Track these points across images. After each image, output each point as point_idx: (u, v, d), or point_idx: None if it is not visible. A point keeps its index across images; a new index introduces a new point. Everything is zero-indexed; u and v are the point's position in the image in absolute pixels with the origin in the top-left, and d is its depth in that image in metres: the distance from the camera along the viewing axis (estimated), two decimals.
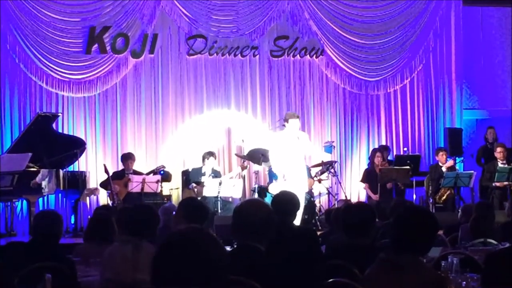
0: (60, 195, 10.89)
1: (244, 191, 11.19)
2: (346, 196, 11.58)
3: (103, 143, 11.67)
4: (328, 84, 12.61)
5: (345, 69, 12.57)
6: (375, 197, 11.16)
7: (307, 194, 10.04)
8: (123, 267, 4.27)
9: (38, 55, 11.31)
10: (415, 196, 11.31)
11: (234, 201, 10.53)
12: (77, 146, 10.47)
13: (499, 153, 11.23)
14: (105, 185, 10.64)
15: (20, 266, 4.28)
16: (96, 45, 11.58)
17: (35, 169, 9.71)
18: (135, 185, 10.27)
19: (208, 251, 2.18)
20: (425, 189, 11.56)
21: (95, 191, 10.98)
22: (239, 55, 12.18)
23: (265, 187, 10.93)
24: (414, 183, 11.26)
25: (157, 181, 10.40)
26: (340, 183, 11.80)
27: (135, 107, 11.83)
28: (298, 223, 7.67)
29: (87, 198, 10.94)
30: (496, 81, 13.45)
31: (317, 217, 10.66)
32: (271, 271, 3.39)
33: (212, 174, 10.68)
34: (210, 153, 10.87)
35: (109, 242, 4.95)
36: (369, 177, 11.45)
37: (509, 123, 12.88)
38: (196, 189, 10.63)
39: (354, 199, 11.87)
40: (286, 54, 12.37)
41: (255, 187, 11.13)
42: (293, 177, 9.13)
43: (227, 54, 12.13)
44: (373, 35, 12.68)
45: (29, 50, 11.27)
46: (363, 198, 12.01)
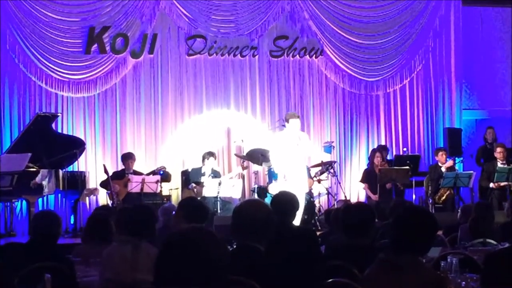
0: (59, 195, 10.88)
1: (243, 192, 11.19)
2: (345, 196, 11.58)
3: (103, 143, 11.67)
4: (327, 84, 12.61)
5: (345, 69, 12.57)
6: (375, 197, 11.15)
7: (306, 194, 10.04)
8: (123, 267, 4.27)
9: (37, 55, 11.31)
10: (414, 196, 11.32)
11: (233, 201, 10.53)
12: (76, 146, 10.47)
13: (499, 153, 11.23)
14: (105, 184, 10.64)
15: (19, 266, 4.29)
16: (95, 45, 11.58)
17: (35, 169, 9.71)
18: (134, 185, 10.27)
19: (208, 251, 2.18)
20: (425, 189, 11.56)
21: (94, 191, 10.98)
22: (239, 55, 12.18)
23: (265, 188, 10.93)
24: (413, 183, 11.27)
25: (157, 181, 10.40)
26: (339, 183, 11.80)
27: (134, 107, 11.83)
28: (297, 224, 7.68)
29: (87, 198, 10.93)
30: (495, 81, 13.45)
31: (317, 217, 10.66)
32: (270, 271, 3.39)
33: (211, 174, 10.68)
34: (210, 153, 10.87)
35: (107, 242, 4.95)
36: (368, 177, 11.45)
37: (509, 123, 12.89)
38: (195, 189, 10.62)
39: (353, 199, 11.87)
40: (285, 54, 12.37)
41: (254, 187, 11.13)
42: (294, 177, 9.14)
43: (227, 54, 12.13)
44: (372, 35, 12.69)
45: (29, 50, 11.27)
46: (362, 198, 12.02)
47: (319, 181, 11.23)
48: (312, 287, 3.69)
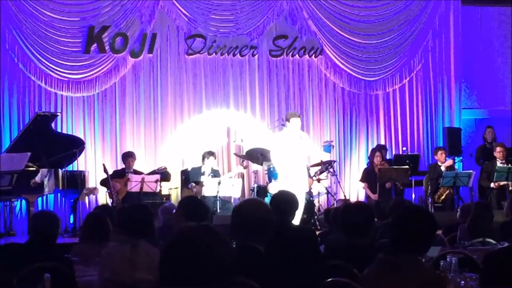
0: (59, 194, 10.88)
1: (243, 191, 11.19)
2: (345, 195, 11.58)
3: (102, 142, 11.66)
4: (327, 83, 12.61)
5: (344, 68, 12.57)
6: (374, 197, 11.15)
7: (306, 193, 10.04)
8: (122, 266, 4.27)
9: (37, 55, 11.30)
10: (414, 195, 11.32)
11: (233, 201, 10.53)
12: (76, 145, 10.46)
13: (498, 153, 11.23)
14: (105, 183, 10.65)
15: (18, 266, 4.28)
16: (95, 45, 11.58)
17: (34, 169, 9.71)
18: (134, 184, 10.27)
19: (213, 249, 2.17)
20: (424, 189, 11.57)
21: (94, 190, 10.97)
22: (238, 54, 12.17)
23: (264, 187, 10.93)
24: (413, 182, 11.27)
25: (156, 181, 10.40)
26: (339, 182, 11.80)
27: (134, 106, 11.83)
28: (297, 223, 7.67)
29: (86, 197, 10.92)
30: (495, 80, 13.45)
31: (316, 217, 10.65)
32: (270, 271, 3.39)
33: (211, 173, 10.68)
34: (210, 153, 10.86)
35: (105, 241, 4.96)
36: (368, 177, 11.45)
37: (509, 123, 12.89)
38: (195, 189, 10.63)
39: (353, 199, 11.87)
40: (285, 53, 12.37)
41: (254, 186, 11.12)
42: (294, 177, 9.15)
43: (226, 53, 12.13)
44: (372, 34, 12.68)
45: (28, 49, 11.26)
46: (362, 197, 12.02)
47: (319, 181, 11.23)
48: (311, 286, 3.69)
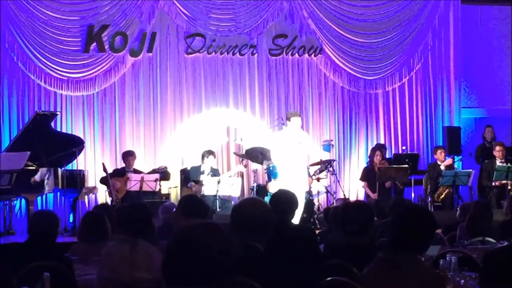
0: (58, 193, 10.88)
1: (242, 190, 11.19)
2: (344, 194, 11.57)
3: (102, 141, 11.66)
4: (326, 82, 12.61)
5: (344, 67, 12.56)
6: (374, 196, 11.16)
7: (306, 193, 10.04)
8: (121, 265, 4.27)
9: (36, 54, 11.29)
10: (413, 194, 11.32)
11: (232, 200, 10.53)
12: (75, 144, 10.46)
13: (498, 152, 11.23)
14: (104, 181, 10.65)
15: (18, 265, 4.28)
16: (94, 44, 11.57)
17: (34, 168, 9.71)
18: (133, 183, 10.27)
19: (210, 249, 2.17)
20: (424, 188, 11.57)
21: (93, 189, 10.97)
22: (238, 53, 12.17)
23: (264, 186, 10.93)
24: (412, 181, 11.27)
25: (156, 180, 10.40)
26: (338, 181, 11.80)
27: (133, 105, 11.82)
28: (297, 222, 7.67)
29: (86, 196, 10.92)
30: (495, 79, 13.45)
31: (316, 216, 10.65)
32: (270, 270, 3.39)
33: (210, 172, 10.68)
34: (209, 152, 10.86)
35: (103, 240, 4.96)
36: (368, 176, 11.45)
37: (508, 122, 12.89)
38: (194, 188, 10.62)
39: (352, 198, 11.87)
40: (284, 52, 12.36)
41: (253, 185, 11.12)
42: (294, 176, 9.16)
43: (226, 52, 12.12)
44: (371, 33, 12.68)
45: (28, 48, 11.25)
46: (361, 196, 12.01)
47: (318, 180, 11.23)
48: (311, 286, 3.69)
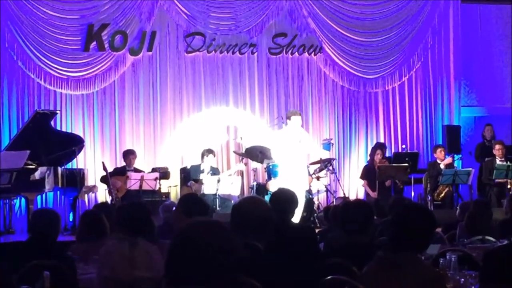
0: (58, 192, 10.88)
1: (242, 189, 11.19)
2: (344, 193, 11.56)
3: (101, 140, 11.66)
4: (326, 81, 12.61)
5: (344, 66, 12.57)
6: (374, 195, 11.16)
7: (306, 191, 10.04)
8: (121, 264, 4.27)
9: (36, 53, 11.29)
10: (413, 193, 11.32)
11: (232, 199, 10.53)
12: (75, 143, 10.46)
13: (497, 151, 11.23)
14: (105, 180, 10.65)
15: (18, 264, 4.29)
16: (94, 43, 11.57)
17: (33, 167, 9.71)
18: (133, 182, 10.27)
19: (210, 248, 2.17)
20: (424, 187, 11.58)
21: (93, 188, 10.98)
22: (238, 52, 12.17)
23: (264, 185, 10.93)
24: (412, 180, 11.27)
25: (155, 179, 10.40)
26: (338, 180, 11.80)
27: (133, 104, 11.82)
28: (297, 221, 7.67)
29: (86, 195, 10.92)
30: (494, 78, 13.45)
31: (316, 215, 10.65)
32: (270, 269, 3.39)
33: (210, 171, 10.68)
34: (209, 151, 10.86)
35: (102, 239, 4.97)
36: (368, 174, 11.45)
37: (508, 121, 12.90)
38: (194, 187, 10.62)
39: (352, 197, 11.87)
40: (284, 51, 12.36)
41: (253, 184, 11.12)
42: (295, 175, 9.17)
43: (226, 51, 12.12)
44: (371, 32, 12.68)
45: (27, 47, 11.25)
46: (361, 195, 12.02)
47: (318, 178, 11.22)
48: (311, 284, 3.69)
